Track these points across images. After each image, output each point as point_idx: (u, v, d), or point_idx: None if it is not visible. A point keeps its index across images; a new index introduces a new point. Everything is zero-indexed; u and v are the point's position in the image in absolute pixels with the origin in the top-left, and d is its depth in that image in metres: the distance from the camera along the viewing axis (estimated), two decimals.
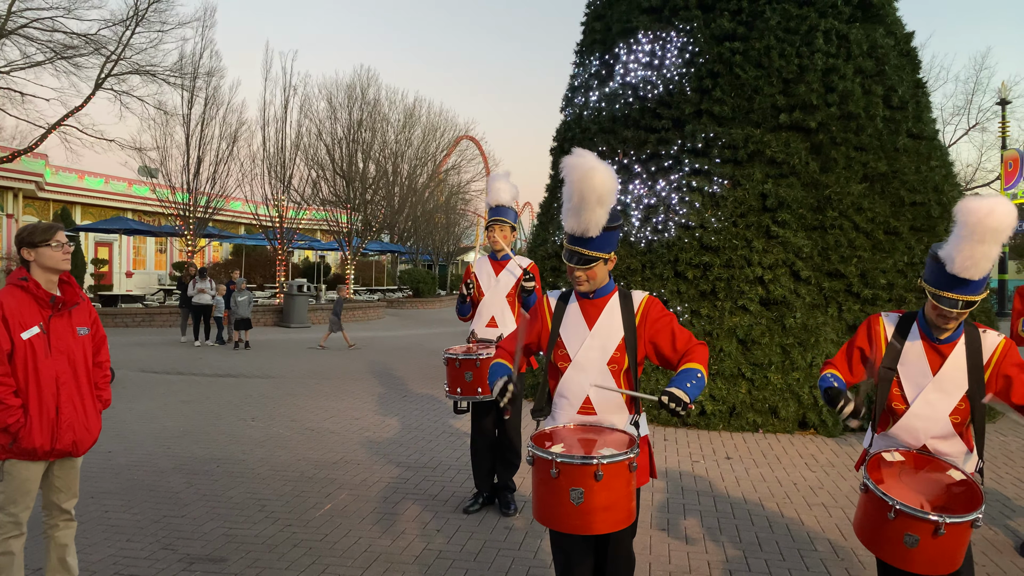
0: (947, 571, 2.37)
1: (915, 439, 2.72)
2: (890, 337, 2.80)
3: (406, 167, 37.06)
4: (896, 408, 2.76)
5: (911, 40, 9.39)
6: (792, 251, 8.05)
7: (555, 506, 2.45)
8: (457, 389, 4.55)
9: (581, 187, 2.65)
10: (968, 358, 2.66)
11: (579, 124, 9.91)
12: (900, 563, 2.40)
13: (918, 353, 2.73)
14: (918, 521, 2.31)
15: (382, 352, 14.66)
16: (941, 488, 2.49)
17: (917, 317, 2.79)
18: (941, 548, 2.31)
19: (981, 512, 2.34)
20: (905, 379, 2.74)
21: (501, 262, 5.00)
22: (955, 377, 2.66)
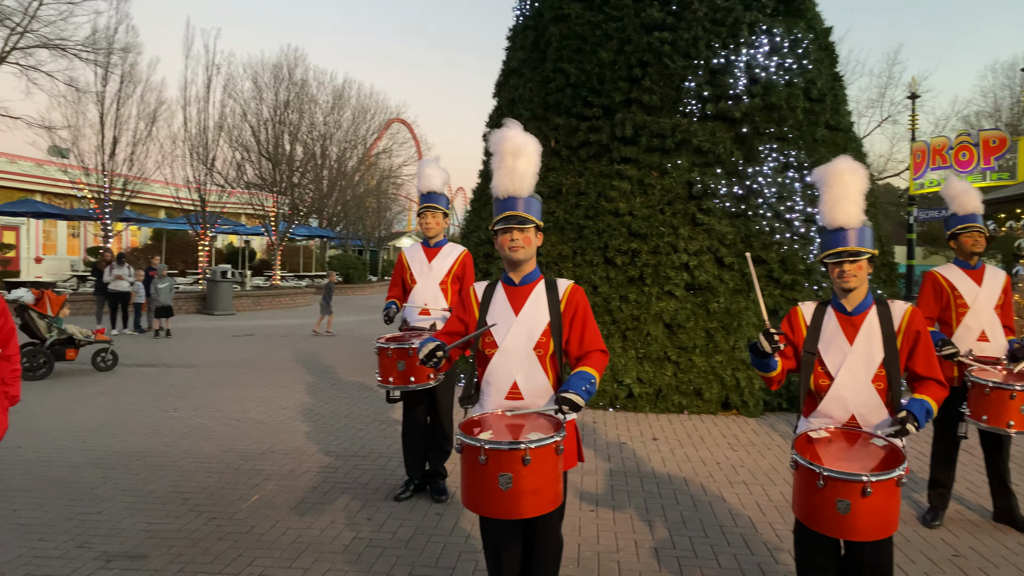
0: (884, 534, 2.51)
1: (844, 410, 2.88)
2: (809, 322, 3.01)
3: (335, 150, 36.29)
4: (821, 385, 2.93)
5: (829, 35, 9.75)
6: (716, 238, 8.29)
7: (484, 492, 2.48)
8: (389, 378, 4.49)
9: (502, 146, 2.87)
10: (881, 327, 2.89)
11: (511, 110, 9.91)
12: (839, 532, 2.51)
13: (834, 328, 2.94)
14: (845, 483, 2.42)
15: (311, 340, 14.39)
16: (866, 455, 2.64)
17: (831, 300, 3.02)
18: (873, 510, 2.43)
19: (903, 469, 2.47)
20: (826, 356, 2.93)
21: (434, 249, 4.95)
22: (871, 345, 2.87)
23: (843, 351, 2.90)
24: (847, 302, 2.94)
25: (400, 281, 5.05)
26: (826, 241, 2.93)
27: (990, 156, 20.91)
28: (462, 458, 2.55)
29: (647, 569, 3.84)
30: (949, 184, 4.71)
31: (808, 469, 2.52)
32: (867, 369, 2.87)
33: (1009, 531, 4.44)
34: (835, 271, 2.90)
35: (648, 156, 8.64)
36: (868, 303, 2.94)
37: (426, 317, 4.84)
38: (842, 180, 2.92)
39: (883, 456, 2.62)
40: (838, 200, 2.90)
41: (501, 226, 2.87)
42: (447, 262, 4.90)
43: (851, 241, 2.86)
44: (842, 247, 2.86)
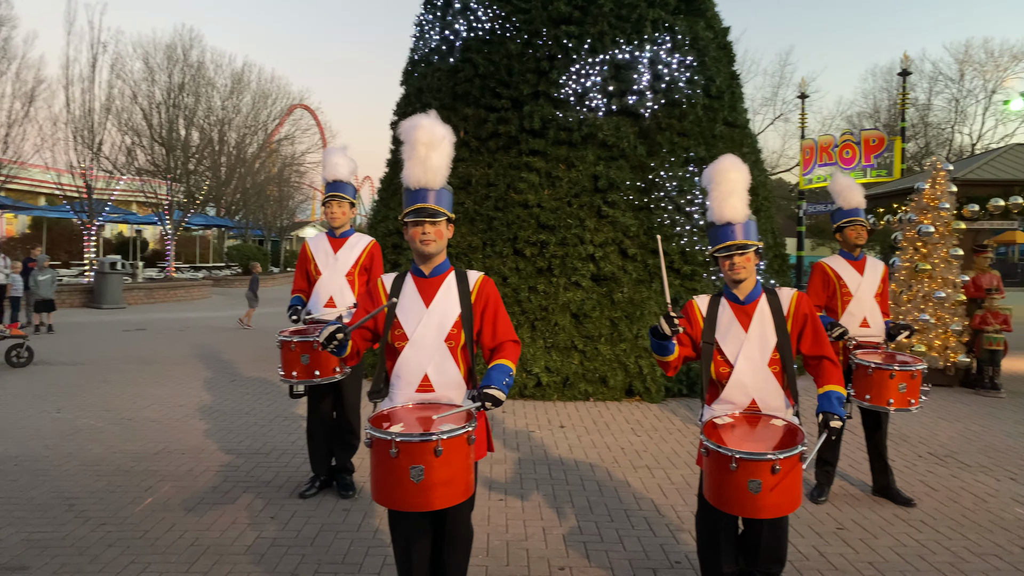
0: (790, 510, 2.64)
1: (745, 395, 3.01)
2: (704, 313, 3.12)
3: (234, 135, 34.83)
4: (722, 373, 3.05)
5: (727, 35, 10.14)
6: (621, 230, 8.49)
7: (395, 485, 2.45)
8: (292, 373, 4.37)
9: (415, 136, 2.78)
10: (772, 313, 3.05)
11: (419, 99, 9.79)
12: (752, 511, 2.62)
13: (729, 318, 3.08)
14: (756, 463, 2.54)
15: (209, 334, 13.79)
16: (768, 435, 2.78)
17: (723, 291, 3.16)
18: (781, 486, 2.56)
19: (804, 445, 2.62)
20: (724, 344, 3.05)
21: (340, 239, 4.82)
22: (764, 331, 3.03)
23: (739, 339, 3.03)
24: (739, 292, 3.08)
25: (304, 273, 4.88)
26: (716, 236, 3.06)
27: (870, 154, 22.36)
28: (372, 452, 2.50)
29: (555, 555, 3.91)
30: (835, 180, 5.01)
31: (720, 454, 2.61)
32: (763, 354, 3.01)
33: (887, 503, 4.79)
34: (726, 264, 3.03)
35: (556, 149, 8.75)
36: (758, 292, 3.09)
37: (332, 310, 4.70)
38: (728, 177, 3.04)
39: (783, 434, 2.78)
40: (725, 197, 3.03)
41: (412, 218, 2.82)
42: (354, 253, 4.78)
43: (739, 235, 3.00)
44: (731, 241, 2.99)
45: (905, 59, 22.25)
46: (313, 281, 4.80)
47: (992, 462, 5.74)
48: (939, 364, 8.81)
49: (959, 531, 4.30)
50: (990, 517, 4.54)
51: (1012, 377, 9.54)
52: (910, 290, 9.01)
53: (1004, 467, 5.61)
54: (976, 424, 7.04)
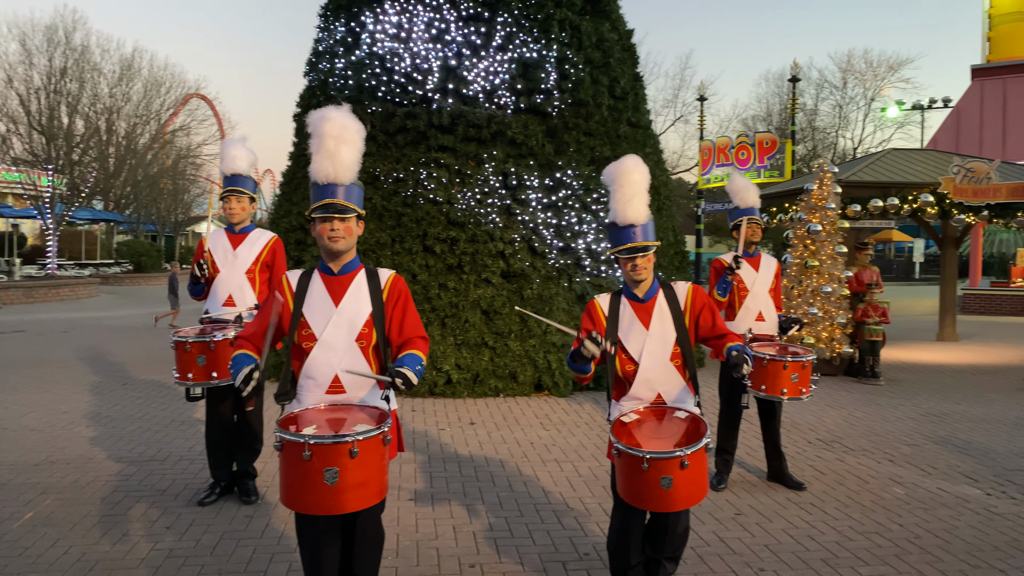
0: (699, 500, 2.74)
1: (651, 391, 3.10)
2: (607, 312, 3.17)
3: (123, 125, 32.87)
4: (628, 371, 3.13)
5: (631, 37, 10.40)
6: (530, 227, 8.57)
7: (307, 489, 2.38)
8: (188, 375, 4.19)
9: (323, 128, 2.70)
10: (670, 309, 3.13)
11: (324, 91, 9.54)
12: (664, 506, 2.71)
13: (630, 316, 3.15)
14: (667, 461, 2.61)
15: (97, 335, 12.97)
16: (676, 430, 2.86)
17: (622, 289, 3.22)
18: (691, 479, 2.66)
19: (709, 437, 2.73)
20: (627, 343, 3.12)
21: (239, 235, 4.63)
22: (664, 327, 3.11)
23: (642, 336, 3.10)
24: (638, 290, 3.15)
25: None
26: (618, 237, 3.09)
27: (764, 156, 23.49)
28: (282, 456, 2.42)
29: (465, 552, 3.90)
30: (732, 180, 5.23)
31: (632, 455, 2.67)
32: (665, 350, 3.10)
33: (780, 488, 5.05)
34: (628, 265, 3.08)
35: (465, 146, 8.72)
36: (656, 288, 3.17)
37: (231, 309, 4.52)
38: (631, 179, 3.08)
39: (688, 427, 2.87)
40: (629, 199, 3.06)
41: (319, 214, 2.72)
42: (254, 249, 4.59)
43: (641, 236, 3.05)
44: (633, 243, 3.04)
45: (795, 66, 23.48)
46: (211, 279, 4.59)
47: (873, 445, 6.16)
48: (826, 355, 9.36)
49: (845, 511, 4.59)
50: (872, 497, 4.86)
51: (890, 366, 10.26)
52: (800, 285, 9.53)
53: (883, 450, 6.02)
54: (859, 411, 7.53)
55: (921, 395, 8.36)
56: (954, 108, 19.82)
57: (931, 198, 10.12)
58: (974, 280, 20.55)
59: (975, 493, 4.96)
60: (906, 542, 4.11)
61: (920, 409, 7.60)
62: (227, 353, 4.15)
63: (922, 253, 39.58)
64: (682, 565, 3.75)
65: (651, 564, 3.17)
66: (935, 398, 8.18)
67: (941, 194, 10.14)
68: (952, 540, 4.14)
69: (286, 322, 2.82)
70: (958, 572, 3.73)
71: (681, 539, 3.13)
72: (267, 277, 4.63)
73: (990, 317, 18.25)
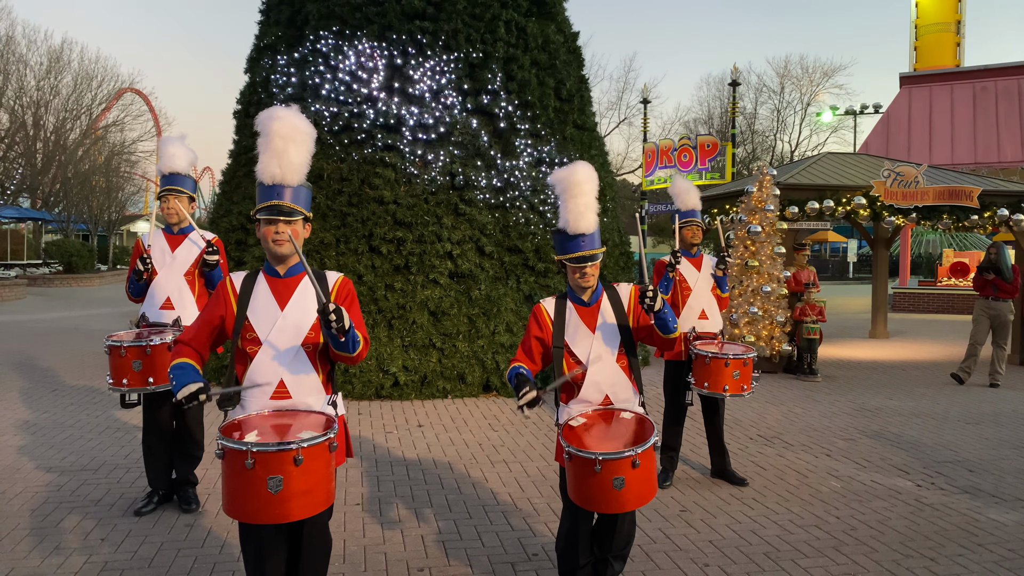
0: (650, 498, 2.76)
1: (599, 393, 3.11)
2: (552, 316, 3.19)
3: (52, 120, 31.52)
4: (577, 378, 3.12)
5: (577, 39, 10.47)
6: (478, 228, 8.56)
7: (250, 498, 2.31)
8: (123, 380, 4.04)
9: (271, 127, 2.61)
10: (614, 311, 3.19)
11: (266, 88, 9.33)
12: (617, 507, 2.73)
13: (576, 320, 3.17)
14: (618, 462, 2.64)
15: (24, 339, 12.39)
16: (624, 431, 2.90)
17: (567, 293, 3.25)
18: (641, 478, 2.69)
19: (657, 435, 2.79)
20: (574, 346, 3.13)
21: (178, 236, 4.51)
22: (610, 329, 3.16)
23: (588, 339, 3.13)
24: (584, 295, 3.18)
25: None
26: (566, 245, 3.08)
27: (705, 158, 24.01)
28: (224, 464, 2.35)
29: (414, 556, 3.87)
30: (675, 183, 5.33)
31: (584, 458, 2.68)
32: (611, 351, 3.14)
33: (724, 484, 5.16)
34: (576, 273, 3.10)
35: (412, 145, 8.65)
36: (600, 291, 3.21)
37: (169, 312, 4.40)
38: (584, 190, 3.07)
39: (635, 428, 2.92)
40: (583, 211, 3.06)
41: (265, 215, 2.64)
42: (194, 251, 4.48)
43: (590, 245, 3.06)
44: (584, 252, 3.05)
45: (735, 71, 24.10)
46: (149, 281, 4.45)
47: (811, 441, 6.36)
48: (766, 353, 9.62)
49: (785, 505, 4.72)
50: (810, 491, 5.02)
51: (826, 363, 10.62)
52: (741, 285, 9.77)
53: (821, 445, 6.22)
54: (798, 407, 7.76)
55: (856, 391, 8.67)
56: (884, 114, 20.64)
57: (863, 200, 10.50)
58: (904, 279, 21.44)
59: (906, 485, 5.17)
60: (843, 533, 4.25)
61: (855, 404, 7.88)
62: (165, 358, 4.05)
63: (856, 253, 41.07)
64: (629, 563, 3.80)
65: (599, 564, 3.20)
66: (869, 393, 8.50)
67: (873, 197, 10.53)
68: (885, 531, 4.30)
69: (229, 326, 2.74)
70: (891, 562, 3.88)
71: (628, 537, 3.17)
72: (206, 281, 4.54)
73: (919, 315, 19.07)
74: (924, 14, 23.03)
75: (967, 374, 9.20)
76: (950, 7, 22.95)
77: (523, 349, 3.20)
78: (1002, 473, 5.47)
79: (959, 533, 4.28)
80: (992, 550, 4.04)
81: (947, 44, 22.74)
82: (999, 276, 8.92)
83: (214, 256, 4.40)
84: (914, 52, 23.14)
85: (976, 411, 7.63)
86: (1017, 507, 4.74)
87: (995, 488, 5.11)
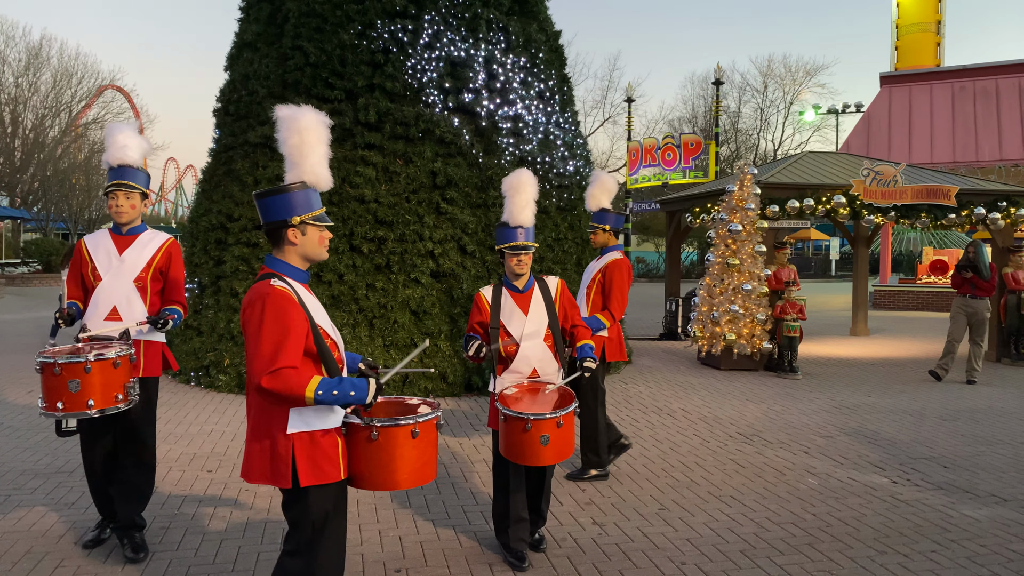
0: (567, 455, 3.42)
1: (528, 366, 3.81)
2: (490, 302, 3.84)
3: (31, 117, 31.16)
4: (509, 350, 3.81)
5: (559, 38, 10.47)
6: (459, 227, 8.53)
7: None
8: (58, 404, 3.36)
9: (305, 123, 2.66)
10: (543, 298, 3.88)
11: (246, 86, 9.26)
12: (542, 461, 3.38)
13: (511, 305, 3.85)
14: (546, 422, 3.32)
15: (0, 339, 12.23)
16: (550, 400, 3.56)
17: (504, 281, 3.89)
18: (563, 438, 3.39)
19: (576, 405, 3.48)
20: (509, 326, 3.82)
21: (127, 237, 3.92)
22: (539, 313, 3.84)
23: (521, 321, 3.80)
24: (518, 283, 3.85)
25: (79, 277, 3.93)
26: (506, 236, 3.75)
27: (689, 157, 24.10)
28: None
29: (391, 558, 3.85)
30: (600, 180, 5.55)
31: (517, 418, 3.33)
32: (539, 332, 3.81)
33: (703, 483, 5.18)
34: (513, 260, 3.76)
35: (393, 144, 8.61)
36: (532, 281, 3.89)
37: (115, 324, 3.80)
38: (525, 190, 3.79)
39: (558, 397, 3.59)
40: (523, 207, 3.77)
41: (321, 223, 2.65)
42: (145, 253, 3.91)
43: (525, 237, 3.75)
44: (519, 242, 3.74)
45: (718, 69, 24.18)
46: (91, 288, 3.88)
47: (790, 438, 6.40)
48: (747, 351, 9.68)
49: (762, 503, 4.75)
50: (788, 489, 5.05)
51: (807, 360, 10.70)
52: (722, 283, 9.82)
53: (800, 442, 6.27)
54: (778, 404, 7.81)
55: (835, 388, 8.74)
56: (864, 113, 20.81)
57: (843, 199, 10.59)
58: (884, 277, 21.65)
59: (882, 482, 5.22)
60: (818, 531, 4.29)
61: (834, 402, 7.95)
62: (109, 377, 3.43)
63: (838, 251, 41.42)
64: (606, 562, 3.81)
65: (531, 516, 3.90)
66: (848, 391, 8.57)
67: (852, 196, 10.62)
68: (861, 527, 4.34)
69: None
70: (866, 558, 3.92)
71: (549, 494, 3.97)
72: (160, 287, 3.97)
73: (899, 312, 19.27)
74: (905, 14, 23.25)
75: (944, 371, 9.30)
76: (931, 7, 23.19)
77: (468, 328, 3.93)
78: (976, 469, 5.53)
79: (933, 529, 4.33)
80: (965, 546, 4.09)
81: (927, 44, 22.97)
82: (977, 274, 9.02)
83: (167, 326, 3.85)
84: (895, 52, 23.36)
85: (953, 408, 7.72)
86: (990, 503, 4.80)
87: (969, 484, 5.18)
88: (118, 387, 3.46)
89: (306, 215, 2.57)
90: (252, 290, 2.48)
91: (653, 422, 6.95)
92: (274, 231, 2.57)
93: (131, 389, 3.55)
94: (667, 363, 10.60)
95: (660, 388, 8.65)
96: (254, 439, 2.51)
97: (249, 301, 2.45)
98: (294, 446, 2.45)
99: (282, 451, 2.45)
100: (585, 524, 4.36)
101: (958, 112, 19.34)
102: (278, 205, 2.55)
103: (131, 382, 3.55)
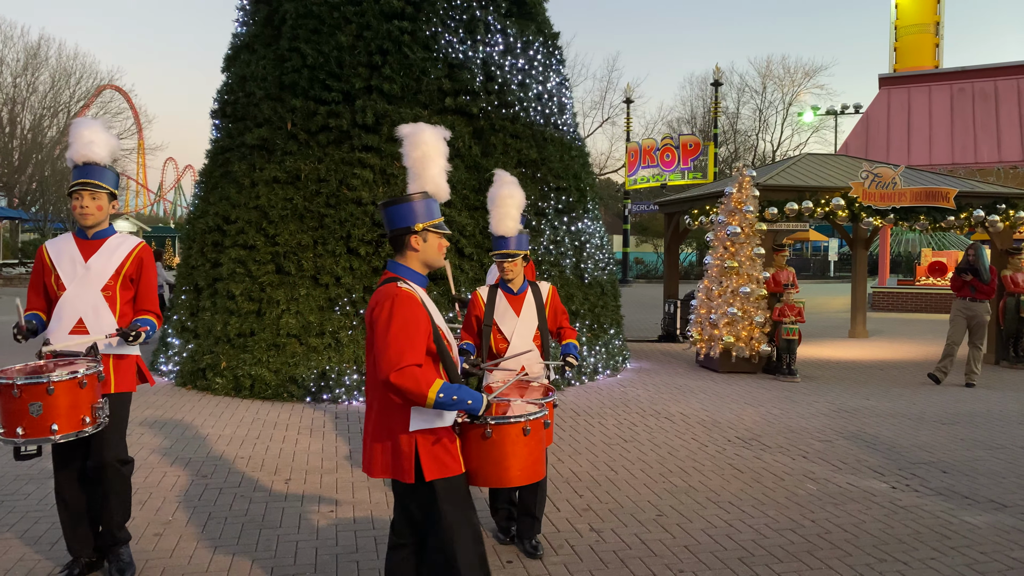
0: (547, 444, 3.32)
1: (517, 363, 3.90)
2: (485, 300, 4.09)
3: (29, 117, 31.12)
4: (500, 348, 4.03)
5: (558, 39, 10.45)
6: (457, 229, 8.51)
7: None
8: (17, 428, 3.05)
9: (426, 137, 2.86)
10: (535, 302, 4.12)
11: (243, 87, 9.23)
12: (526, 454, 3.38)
13: (505, 305, 4.09)
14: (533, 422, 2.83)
15: None
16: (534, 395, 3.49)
17: (500, 284, 4.13)
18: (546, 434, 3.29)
19: (554, 396, 3.44)
20: (502, 325, 4.05)
21: (94, 241, 3.59)
22: (530, 315, 4.08)
23: (513, 321, 4.05)
24: (512, 285, 4.10)
25: (41, 286, 3.61)
26: (496, 243, 4.01)
27: (688, 158, 24.07)
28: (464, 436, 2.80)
29: (365, 558, 3.82)
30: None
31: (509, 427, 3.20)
32: (529, 332, 4.04)
33: (701, 488, 5.16)
34: (501, 268, 4.03)
35: (390, 145, 8.57)
36: (526, 285, 4.13)
37: (81, 337, 3.45)
38: (505, 202, 3.98)
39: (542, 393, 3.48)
40: (502, 218, 3.97)
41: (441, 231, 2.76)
42: (113, 260, 3.57)
43: (513, 246, 3.98)
44: (505, 250, 3.98)
45: (717, 71, 24.14)
46: (54, 298, 3.55)
47: (788, 442, 6.38)
48: (745, 353, 9.66)
49: (761, 509, 4.73)
50: (786, 494, 5.03)
51: (805, 363, 10.68)
52: (720, 286, 9.80)
53: (798, 447, 6.24)
54: (776, 408, 7.79)
55: (834, 391, 8.72)
56: (863, 115, 20.79)
57: (842, 202, 10.57)
58: (883, 279, 21.64)
59: (881, 487, 5.19)
60: (817, 537, 4.26)
61: (833, 405, 7.92)
62: (76, 398, 3.13)
63: (836, 252, 41.44)
64: (604, 570, 3.79)
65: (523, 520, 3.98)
66: (847, 394, 8.55)
67: (851, 198, 10.60)
68: (859, 534, 4.32)
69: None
70: (865, 566, 3.89)
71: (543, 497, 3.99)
72: (131, 296, 3.64)
73: (897, 314, 19.26)
74: (904, 16, 23.25)
75: (944, 374, 9.28)
76: (929, 9, 23.19)
77: (465, 328, 4.15)
78: (976, 474, 5.51)
79: (932, 536, 4.30)
80: (964, 553, 4.07)
81: (926, 45, 22.97)
82: (977, 277, 9.00)
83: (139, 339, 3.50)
84: (894, 53, 23.36)
85: (952, 411, 7.70)
86: (989, 509, 4.77)
87: (968, 490, 5.15)
88: (85, 409, 3.15)
89: (428, 223, 2.70)
90: (380, 291, 2.61)
91: (651, 426, 6.92)
92: (398, 238, 2.70)
93: (100, 410, 3.23)
94: (665, 365, 10.57)
95: (658, 391, 8.63)
96: (376, 437, 2.64)
97: (377, 301, 2.59)
98: (417, 443, 2.58)
99: (405, 448, 2.58)
100: (583, 530, 4.33)
101: (957, 114, 19.33)
102: (403, 213, 2.68)
103: (100, 402, 3.24)
